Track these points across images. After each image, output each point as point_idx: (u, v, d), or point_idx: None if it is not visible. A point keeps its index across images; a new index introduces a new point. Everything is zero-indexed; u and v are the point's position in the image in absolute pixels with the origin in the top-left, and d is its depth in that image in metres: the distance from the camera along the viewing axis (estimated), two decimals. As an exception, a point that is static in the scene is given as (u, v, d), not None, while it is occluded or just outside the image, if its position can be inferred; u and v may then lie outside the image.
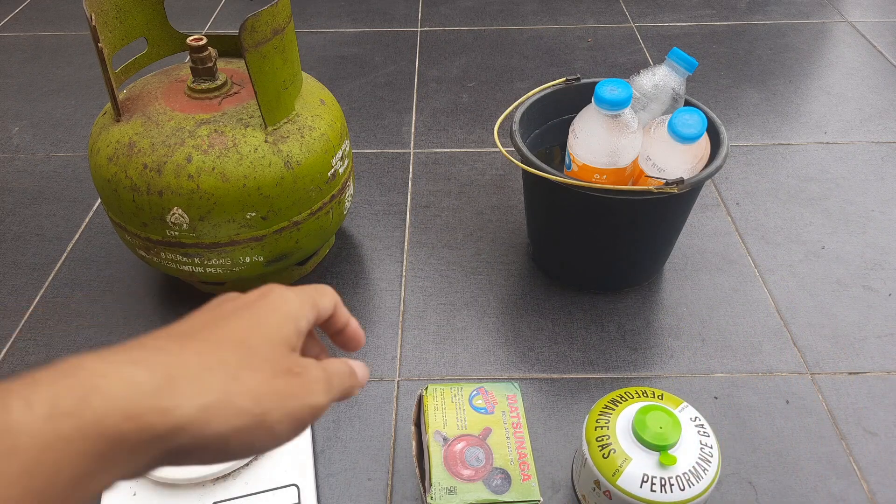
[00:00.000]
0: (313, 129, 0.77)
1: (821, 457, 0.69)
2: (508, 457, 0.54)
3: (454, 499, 0.50)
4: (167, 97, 0.76)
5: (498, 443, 0.54)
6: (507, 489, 0.51)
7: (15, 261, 0.93)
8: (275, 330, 0.31)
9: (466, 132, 1.16)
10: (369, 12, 1.54)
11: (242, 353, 0.29)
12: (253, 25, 0.66)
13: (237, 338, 0.29)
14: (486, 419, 0.56)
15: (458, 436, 0.54)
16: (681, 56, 0.77)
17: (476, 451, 0.53)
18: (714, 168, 0.72)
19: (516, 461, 0.53)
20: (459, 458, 0.53)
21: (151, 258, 0.78)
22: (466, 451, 0.53)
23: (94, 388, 0.23)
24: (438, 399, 0.57)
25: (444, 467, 0.52)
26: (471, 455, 0.53)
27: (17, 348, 0.81)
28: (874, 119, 1.18)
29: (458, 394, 0.58)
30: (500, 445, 0.54)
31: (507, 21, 1.50)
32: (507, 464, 0.53)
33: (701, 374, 0.77)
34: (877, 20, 1.48)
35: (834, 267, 0.90)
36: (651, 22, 1.48)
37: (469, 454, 0.53)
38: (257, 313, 0.31)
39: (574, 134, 0.76)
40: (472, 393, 0.58)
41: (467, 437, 0.54)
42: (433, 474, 0.52)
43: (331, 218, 0.82)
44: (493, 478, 0.52)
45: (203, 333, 0.30)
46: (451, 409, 0.56)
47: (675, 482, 0.55)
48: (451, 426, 0.55)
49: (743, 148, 1.12)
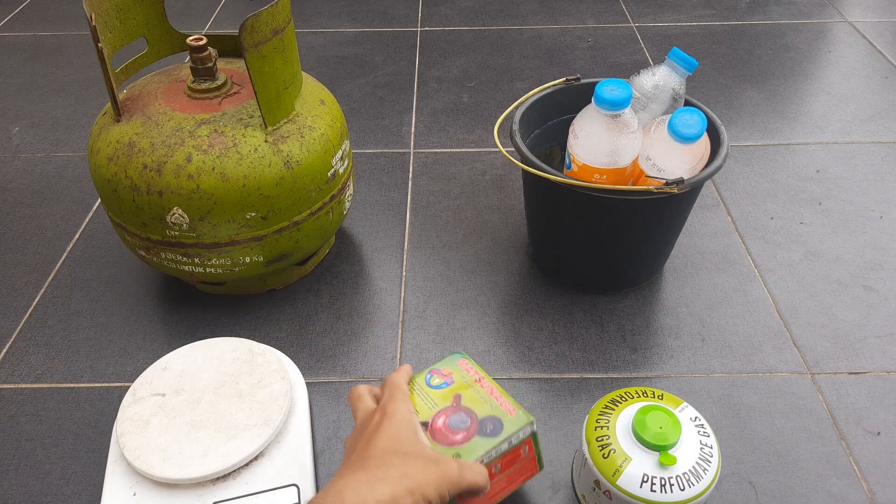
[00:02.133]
0: (313, 129, 0.77)
1: (821, 457, 0.69)
2: (488, 405, 0.56)
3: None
4: (167, 97, 0.76)
5: (472, 400, 0.57)
6: (502, 429, 0.55)
7: (15, 261, 0.93)
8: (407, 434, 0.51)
9: (466, 132, 1.16)
10: (369, 12, 1.54)
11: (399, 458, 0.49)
12: (253, 25, 0.66)
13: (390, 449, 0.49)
14: (450, 390, 0.58)
15: (435, 414, 0.56)
16: (681, 56, 0.77)
17: (457, 416, 0.56)
18: (714, 168, 0.72)
19: (496, 404, 0.57)
20: (446, 430, 0.55)
21: (151, 258, 0.78)
22: (449, 420, 0.55)
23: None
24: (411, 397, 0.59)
25: (438, 445, 0.54)
26: (455, 421, 0.55)
27: (17, 348, 0.81)
28: (874, 119, 1.18)
29: (414, 385, 0.59)
30: (475, 401, 0.57)
31: (507, 21, 1.50)
32: (489, 411, 0.56)
33: (701, 374, 0.77)
34: (877, 20, 1.48)
35: (834, 267, 0.90)
36: (651, 22, 1.48)
37: (453, 421, 0.55)
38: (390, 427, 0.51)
39: (574, 134, 0.76)
40: (427, 377, 0.60)
41: (443, 410, 0.56)
42: None
43: (331, 218, 0.82)
44: (485, 427, 0.55)
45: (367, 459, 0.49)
46: (415, 398, 0.58)
47: (675, 482, 0.55)
48: (424, 411, 0.56)
49: (743, 148, 1.12)
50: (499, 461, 0.55)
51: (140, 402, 0.63)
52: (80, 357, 0.80)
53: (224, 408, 0.63)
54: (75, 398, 0.76)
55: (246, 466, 0.60)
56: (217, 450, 0.59)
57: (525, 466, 0.58)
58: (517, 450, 0.56)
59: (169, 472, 0.58)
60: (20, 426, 0.73)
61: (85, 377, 0.78)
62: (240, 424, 0.61)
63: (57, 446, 0.71)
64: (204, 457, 0.59)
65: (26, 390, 0.77)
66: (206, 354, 0.68)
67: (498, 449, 0.54)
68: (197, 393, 0.64)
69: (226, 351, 0.68)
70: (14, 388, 0.77)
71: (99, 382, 0.77)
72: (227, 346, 0.68)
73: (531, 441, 0.57)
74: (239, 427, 0.61)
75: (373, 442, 0.49)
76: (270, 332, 0.82)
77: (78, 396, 0.76)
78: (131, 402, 0.63)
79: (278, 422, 0.62)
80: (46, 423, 0.73)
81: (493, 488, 0.56)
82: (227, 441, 0.60)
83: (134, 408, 0.63)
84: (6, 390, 0.77)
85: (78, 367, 0.79)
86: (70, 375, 0.78)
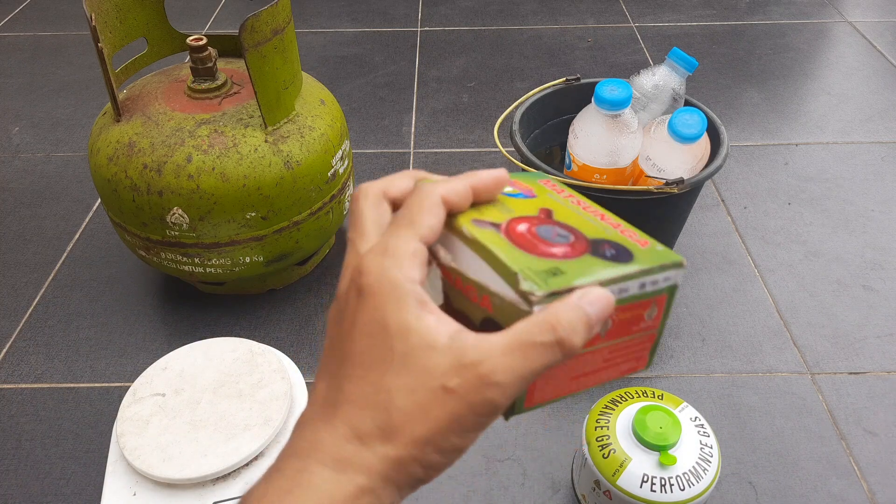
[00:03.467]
0: (313, 129, 0.77)
1: (821, 457, 0.69)
2: (600, 228, 0.32)
3: (565, 280, 0.27)
4: (167, 97, 0.76)
5: (571, 217, 0.32)
6: (632, 257, 0.30)
7: (15, 261, 0.93)
8: (398, 319, 0.26)
9: (466, 132, 1.16)
10: (369, 12, 1.54)
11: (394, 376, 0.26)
12: (253, 25, 0.66)
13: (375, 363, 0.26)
14: (534, 203, 0.33)
15: (511, 219, 0.31)
16: (681, 56, 0.77)
17: (550, 229, 0.31)
18: (714, 168, 0.72)
19: (612, 231, 0.32)
20: (533, 238, 0.30)
21: (151, 258, 0.78)
22: (537, 229, 0.31)
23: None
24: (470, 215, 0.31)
25: (519, 251, 0.28)
26: (547, 233, 0.31)
27: (17, 348, 0.81)
28: (874, 119, 1.18)
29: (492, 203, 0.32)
30: (576, 220, 0.32)
31: (507, 21, 1.50)
32: (603, 234, 0.31)
33: (701, 374, 0.77)
34: (877, 20, 1.48)
35: (834, 267, 0.90)
36: (651, 22, 1.48)
37: (543, 232, 0.30)
38: (371, 320, 0.26)
39: (574, 134, 0.76)
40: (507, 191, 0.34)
41: (525, 218, 0.31)
42: (508, 263, 0.27)
43: (331, 218, 0.82)
44: (600, 249, 0.30)
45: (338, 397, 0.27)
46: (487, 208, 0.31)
47: (675, 482, 0.55)
48: (492, 213, 0.31)
49: (743, 148, 1.12)
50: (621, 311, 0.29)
51: (140, 402, 0.63)
52: (80, 357, 0.80)
53: (224, 408, 0.63)
54: (75, 398, 0.76)
55: (246, 466, 0.60)
56: (217, 450, 0.59)
57: (636, 346, 0.32)
58: (645, 304, 0.31)
59: (169, 472, 0.58)
60: (20, 426, 0.73)
61: (85, 377, 0.78)
62: (240, 424, 0.61)
63: (57, 446, 0.71)
64: (204, 457, 0.59)
65: (26, 390, 0.77)
66: (206, 354, 0.68)
67: (630, 284, 0.29)
68: (197, 393, 0.64)
69: (226, 351, 0.68)
70: (14, 388, 0.77)
71: (99, 382, 0.77)
72: (227, 346, 0.68)
73: (665, 299, 0.31)
74: (239, 427, 0.61)
75: (347, 351, 0.27)
76: (270, 332, 0.82)
77: (78, 396, 0.76)
78: (131, 402, 0.63)
79: (278, 422, 0.62)
80: (46, 423, 0.73)
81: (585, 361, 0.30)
82: (227, 441, 0.60)
83: (134, 408, 0.63)
84: (6, 390, 0.77)
85: (78, 367, 0.79)
86: (70, 375, 0.78)
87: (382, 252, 0.27)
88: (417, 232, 0.27)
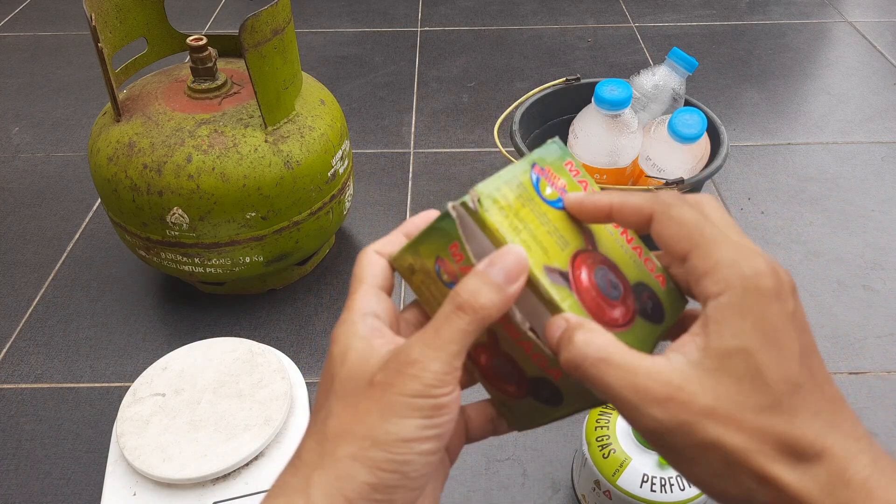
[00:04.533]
0: (313, 129, 0.77)
1: (821, 457, 0.69)
2: (632, 262, 0.30)
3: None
4: (167, 97, 0.76)
5: (608, 244, 0.30)
6: (661, 308, 0.30)
7: (15, 261, 0.93)
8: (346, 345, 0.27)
9: (466, 132, 1.16)
10: (369, 12, 1.54)
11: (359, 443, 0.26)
12: (253, 25, 0.66)
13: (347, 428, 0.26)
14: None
15: (572, 262, 0.28)
16: (681, 56, 0.78)
17: (604, 275, 0.29)
18: (714, 168, 0.72)
19: (642, 265, 0.31)
20: (598, 296, 0.28)
21: (151, 258, 0.78)
22: (595, 275, 0.29)
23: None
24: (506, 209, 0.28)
25: (586, 313, 0.27)
26: (603, 281, 0.29)
27: (17, 348, 0.81)
28: (874, 119, 1.18)
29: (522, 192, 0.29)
30: (612, 247, 0.30)
31: (507, 21, 1.50)
32: (638, 275, 0.30)
33: (701, 374, 0.77)
34: (877, 20, 1.48)
35: (834, 267, 0.90)
36: (651, 22, 1.48)
37: (600, 280, 0.29)
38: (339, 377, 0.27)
39: (574, 134, 0.76)
40: (533, 177, 0.30)
41: (582, 254, 0.29)
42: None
43: (331, 218, 0.82)
44: (643, 302, 0.30)
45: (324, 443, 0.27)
46: (530, 218, 0.28)
47: (675, 482, 0.55)
48: (552, 249, 0.28)
49: (743, 148, 1.12)
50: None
51: (140, 402, 0.63)
52: (80, 357, 0.80)
53: (224, 408, 0.63)
54: (75, 398, 0.76)
55: (246, 466, 0.60)
56: (217, 450, 0.59)
57: None
58: None
59: (169, 472, 0.58)
60: (20, 426, 0.73)
61: (85, 377, 0.78)
62: (240, 424, 0.61)
63: (57, 446, 0.71)
64: (204, 457, 0.59)
65: (26, 390, 0.77)
66: (206, 354, 0.68)
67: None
68: (197, 393, 0.64)
69: (226, 351, 0.68)
70: (14, 388, 0.77)
71: (99, 382, 0.77)
72: (227, 346, 0.68)
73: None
74: (239, 427, 0.61)
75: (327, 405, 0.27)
76: (270, 332, 0.82)
77: (78, 396, 0.76)
78: (131, 402, 0.63)
79: (278, 422, 0.62)
80: (46, 423, 0.73)
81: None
82: (227, 441, 0.60)
83: (134, 408, 0.63)
84: (6, 390, 0.77)
85: (78, 367, 0.79)
86: (70, 375, 0.78)
87: (343, 320, 0.28)
88: (366, 283, 0.29)
